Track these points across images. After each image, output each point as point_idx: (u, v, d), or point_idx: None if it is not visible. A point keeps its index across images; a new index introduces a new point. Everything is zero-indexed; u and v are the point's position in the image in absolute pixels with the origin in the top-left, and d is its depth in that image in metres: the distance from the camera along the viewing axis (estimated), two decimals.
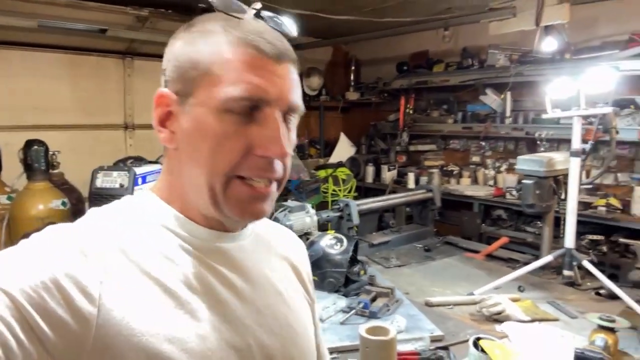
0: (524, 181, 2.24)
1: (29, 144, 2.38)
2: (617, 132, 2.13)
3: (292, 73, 0.63)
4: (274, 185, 0.64)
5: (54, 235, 0.57)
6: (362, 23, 3.77)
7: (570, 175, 2.04)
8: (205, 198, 0.62)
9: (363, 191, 4.79)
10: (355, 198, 3.87)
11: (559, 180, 2.21)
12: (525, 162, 2.25)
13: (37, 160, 2.36)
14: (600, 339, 1.48)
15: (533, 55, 3.65)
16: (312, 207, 2.64)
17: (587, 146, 2.05)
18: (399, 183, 4.57)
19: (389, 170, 4.72)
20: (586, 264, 2.03)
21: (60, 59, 3.63)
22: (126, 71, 3.94)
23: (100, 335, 0.52)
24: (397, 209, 3.67)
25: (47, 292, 0.50)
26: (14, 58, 3.39)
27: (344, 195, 4.38)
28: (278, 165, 0.62)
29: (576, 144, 2.02)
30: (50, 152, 2.51)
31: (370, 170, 4.87)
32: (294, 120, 0.65)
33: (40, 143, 2.41)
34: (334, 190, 4.45)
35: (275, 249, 0.79)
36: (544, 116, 2.21)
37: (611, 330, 1.55)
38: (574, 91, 2.03)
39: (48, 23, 3.16)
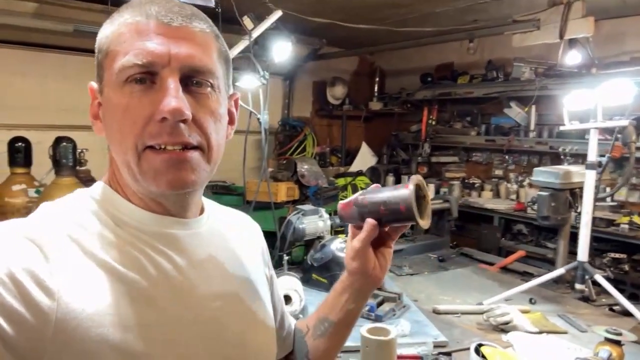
0: (539, 193, 2.22)
1: (58, 140, 2.50)
2: (636, 147, 2.09)
3: (194, 36, 0.62)
4: (194, 153, 0.62)
5: (8, 231, 0.56)
6: (387, 34, 3.81)
7: (585, 188, 2.02)
8: (127, 176, 0.63)
9: None
10: None
11: (576, 194, 2.18)
12: (542, 174, 2.24)
13: (65, 157, 2.47)
14: (605, 351, 1.45)
15: (559, 69, 3.62)
16: (326, 212, 2.67)
17: (604, 159, 2.03)
18: None
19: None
20: (599, 278, 1.99)
21: (92, 62, 3.75)
22: None
23: (61, 328, 0.52)
24: None
25: (4, 287, 0.49)
26: (49, 61, 3.56)
27: None
28: (185, 129, 0.60)
29: (592, 156, 2.00)
30: (78, 150, 2.62)
31: (390, 180, 4.87)
32: (209, 86, 0.63)
33: (69, 140, 2.52)
34: None
35: (233, 233, 0.80)
36: (561, 128, 2.20)
37: (617, 343, 1.52)
38: (592, 104, 2.01)
39: (83, 28, 3.31)
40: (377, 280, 0.83)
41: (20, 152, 2.52)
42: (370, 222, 0.78)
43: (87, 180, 2.68)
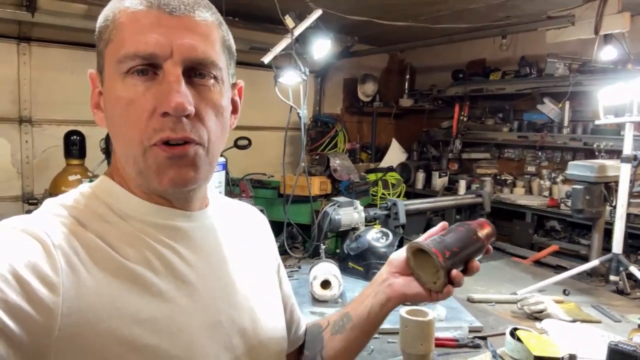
0: (574, 186, 2.25)
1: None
2: None
3: (197, 26, 0.60)
4: (196, 148, 0.61)
5: (10, 227, 0.55)
6: (417, 30, 3.86)
7: (620, 181, 2.04)
8: (131, 170, 0.62)
9: (412, 196, 4.83)
10: None
11: (611, 187, 2.20)
12: (576, 168, 2.27)
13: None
14: (639, 336, 1.50)
15: (593, 65, 3.59)
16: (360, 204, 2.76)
17: (639, 153, 2.05)
18: (450, 190, 4.58)
19: (440, 177, 4.75)
20: (634, 270, 2.02)
21: None
22: None
23: (66, 324, 0.51)
24: (447, 213, 3.71)
25: (7, 285, 0.48)
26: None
27: None
28: (188, 124, 0.59)
29: (627, 150, 2.02)
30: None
31: (420, 176, 4.91)
32: (212, 78, 0.62)
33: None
34: (382, 194, 4.53)
35: (239, 226, 0.80)
36: (596, 122, 2.22)
37: None
38: (627, 98, 2.03)
39: None
40: (397, 293, 0.80)
41: (75, 145, 2.69)
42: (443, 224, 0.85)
43: None
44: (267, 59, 2.25)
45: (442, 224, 0.85)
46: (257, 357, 0.71)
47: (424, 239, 0.82)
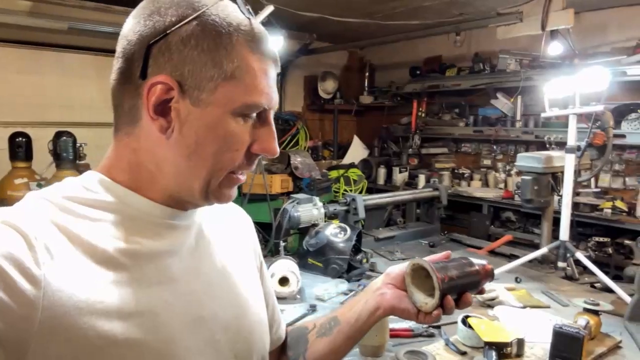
0: (522, 177, 2.33)
1: (58, 134, 2.57)
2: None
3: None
4: None
5: None
6: (376, 28, 3.91)
7: (565, 172, 2.13)
8: (196, 187, 0.64)
9: (374, 192, 4.88)
10: None
11: (557, 177, 2.29)
12: (525, 159, 2.34)
13: (65, 150, 2.54)
14: (583, 319, 1.56)
15: (542, 60, 3.73)
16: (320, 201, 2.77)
17: (583, 144, 2.14)
18: (410, 185, 4.66)
19: (400, 172, 4.82)
20: (580, 256, 2.10)
21: (89, 60, 3.85)
22: None
23: (47, 317, 0.51)
24: (408, 207, 3.77)
25: None
26: (45, 58, 3.63)
27: None
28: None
29: (571, 141, 2.11)
30: (78, 144, 2.69)
31: (382, 172, 4.98)
32: None
33: (69, 135, 2.60)
34: (345, 190, 4.56)
35: (224, 222, 0.80)
36: (542, 115, 2.31)
37: (595, 313, 1.63)
38: (571, 91, 2.12)
39: (78, 25, 3.37)
40: (385, 302, 0.81)
41: (21, 147, 2.58)
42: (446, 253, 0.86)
43: None
44: None
45: (446, 253, 0.86)
46: (241, 353, 0.71)
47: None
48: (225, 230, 0.80)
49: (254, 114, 0.64)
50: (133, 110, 0.63)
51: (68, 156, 2.56)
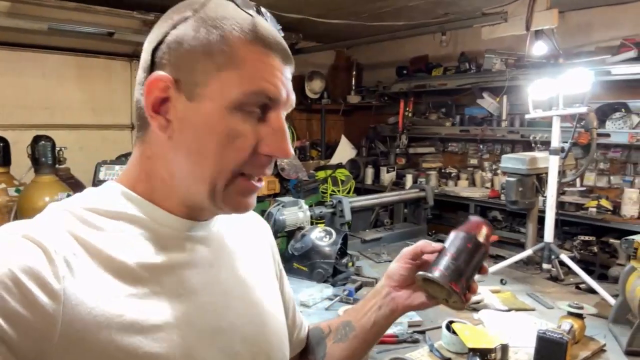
0: (507, 179, 2.33)
1: (36, 139, 2.52)
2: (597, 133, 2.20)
3: (291, 75, 0.65)
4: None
5: (10, 233, 0.54)
6: (363, 28, 3.89)
7: (549, 173, 2.13)
8: (202, 191, 0.62)
9: (362, 192, 4.87)
10: None
11: (542, 178, 2.29)
12: (509, 161, 2.34)
13: (44, 155, 2.49)
14: (567, 323, 1.56)
15: (527, 60, 3.74)
16: (306, 204, 2.74)
17: (567, 145, 2.13)
18: (398, 185, 4.65)
19: (388, 172, 4.81)
20: (564, 258, 2.10)
21: (70, 60, 3.78)
22: (132, 73, 4.09)
23: (67, 331, 0.51)
24: (396, 208, 3.76)
25: (7, 292, 0.48)
26: (25, 60, 3.56)
27: (342, 196, 4.47)
28: (273, 163, 0.64)
29: (555, 142, 2.10)
30: (57, 148, 2.64)
31: (369, 172, 4.96)
32: None
33: (48, 139, 2.54)
34: (332, 191, 4.54)
35: (242, 231, 0.79)
36: (526, 116, 2.30)
37: (579, 316, 1.63)
38: (555, 92, 2.12)
39: (58, 26, 3.31)
40: (402, 304, 0.84)
41: None
42: (440, 245, 0.83)
43: (67, 179, 2.70)
44: None
45: (441, 245, 0.84)
46: None
47: (432, 259, 0.82)
48: (244, 239, 0.79)
49: (257, 110, 0.60)
50: (143, 116, 0.63)
51: (47, 161, 2.50)
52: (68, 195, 2.60)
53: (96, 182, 2.30)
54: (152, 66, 0.61)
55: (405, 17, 3.79)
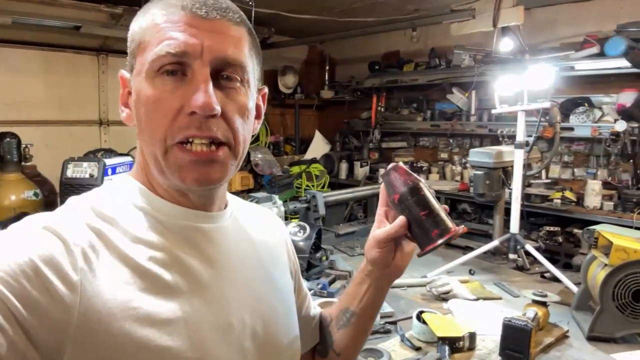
0: (475, 172, 2.39)
1: (1, 136, 2.45)
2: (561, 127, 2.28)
3: (228, 29, 0.62)
4: (223, 150, 0.62)
5: (32, 224, 0.56)
6: (334, 23, 3.90)
7: (515, 166, 2.19)
8: (154, 169, 0.64)
9: (337, 187, 4.90)
10: None
11: (508, 171, 2.36)
12: (477, 154, 2.40)
13: (9, 152, 2.43)
14: (531, 311, 1.62)
15: (495, 56, 3.82)
16: (280, 199, 2.76)
17: (531, 139, 2.20)
18: (371, 179, 4.70)
19: (362, 166, 4.85)
20: (529, 248, 2.18)
21: (35, 55, 3.67)
22: (100, 68, 4.00)
23: (82, 322, 0.52)
24: (369, 202, 3.80)
25: (28, 280, 0.50)
26: None
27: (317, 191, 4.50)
28: (214, 124, 0.61)
29: (520, 136, 2.17)
30: (23, 145, 2.57)
31: (343, 166, 5.00)
32: (238, 81, 0.64)
33: (13, 135, 2.48)
34: (307, 186, 4.56)
35: (255, 228, 0.79)
36: (493, 111, 2.37)
37: (543, 304, 1.70)
38: (519, 88, 2.18)
39: (22, 20, 3.21)
40: (397, 271, 0.83)
41: None
42: (401, 220, 0.76)
43: (33, 176, 2.64)
44: None
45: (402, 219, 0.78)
46: None
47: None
48: (258, 235, 0.79)
49: (177, 72, 0.60)
50: None
51: (12, 158, 2.44)
52: (35, 193, 2.56)
53: (63, 180, 2.26)
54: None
55: (376, 13, 3.82)
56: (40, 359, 0.50)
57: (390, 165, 0.80)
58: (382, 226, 0.80)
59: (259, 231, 0.80)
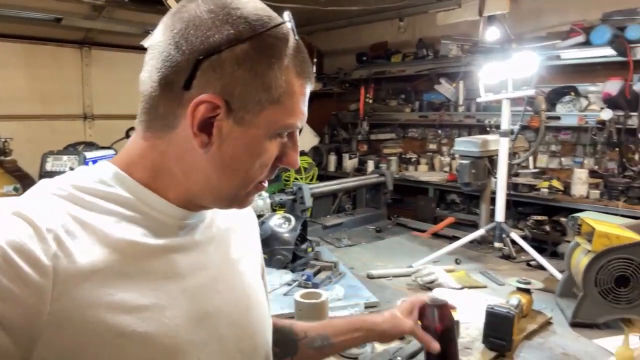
0: (460, 161, 2.38)
1: None
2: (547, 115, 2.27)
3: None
4: None
5: (1, 210, 0.55)
6: (322, 14, 3.86)
7: (500, 155, 2.19)
8: (222, 197, 0.66)
9: (325, 179, 4.87)
10: None
11: (493, 160, 2.36)
12: (462, 144, 2.40)
13: None
14: (515, 298, 1.62)
15: (482, 45, 3.81)
16: (268, 191, 2.73)
17: (516, 127, 2.20)
18: (360, 171, 4.69)
19: (350, 158, 4.84)
20: (514, 236, 2.18)
21: (15, 48, 3.61)
22: (84, 61, 3.94)
23: (57, 309, 0.52)
24: (358, 193, 3.79)
25: None
26: None
27: (305, 183, 4.48)
28: None
29: (505, 125, 2.16)
30: (2, 140, 2.53)
31: (332, 159, 4.98)
32: None
33: None
34: (295, 178, 4.54)
35: (230, 218, 0.80)
36: (477, 100, 2.36)
37: (527, 291, 1.69)
38: (504, 76, 2.17)
39: (1, 11, 3.15)
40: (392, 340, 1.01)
41: None
42: (436, 347, 0.95)
43: (13, 171, 2.60)
44: (146, 42, 2.12)
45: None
46: (246, 348, 0.72)
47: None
48: (233, 227, 0.80)
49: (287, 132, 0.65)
50: (170, 117, 0.62)
51: None
52: (15, 188, 2.52)
53: (43, 174, 2.22)
54: (193, 76, 0.59)
55: (362, 2, 3.79)
56: (13, 345, 0.50)
57: (443, 301, 1.02)
58: (409, 317, 0.99)
59: (234, 222, 0.81)
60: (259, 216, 2.55)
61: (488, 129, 3.82)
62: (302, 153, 4.93)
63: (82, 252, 0.56)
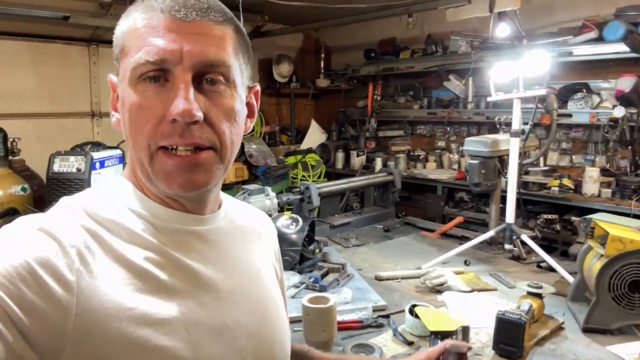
0: (470, 161, 2.35)
1: None
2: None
3: (209, 30, 0.61)
4: (207, 154, 0.62)
5: (26, 226, 0.56)
6: (329, 10, 3.83)
7: (510, 155, 2.15)
8: (141, 174, 0.64)
9: (333, 177, 4.87)
10: None
11: (504, 160, 2.32)
12: (472, 143, 2.36)
13: None
14: (526, 303, 1.59)
15: (492, 42, 3.76)
16: (274, 191, 2.72)
17: (527, 127, 2.16)
18: (367, 168, 4.66)
19: (358, 156, 4.81)
20: (525, 238, 2.15)
21: (23, 46, 3.61)
22: (91, 59, 3.94)
23: (80, 323, 0.52)
24: (366, 192, 3.76)
25: (24, 283, 0.49)
26: None
27: (313, 181, 4.46)
28: (197, 130, 0.60)
29: (516, 125, 2.13)
30: (10, 139, 2.53)
31: (340, 156, 4.96)
32: (222, 83, 0.63)
33: None
34: (303, 176, 4.52)
35: (249, 230, 0.80)
36: (488, 99, 2.32)
37: (538, 296, 1.66)
38: (515, 75, 2.13)
39: (9, 10, 3.14)
40: None
41: None
42: None
43: (21, 171, 2.60)
44: None
45: None
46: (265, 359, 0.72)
47: None
48: (251, 236, 0.80)
49: (159, 78, 0.60)
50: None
51: None
52: (23, 188, 2.52)
53: (50, 175, 2.21)
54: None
55: None
56: (38, 358, 0.50)
57: (463, 347, 0.98)
58: None
59: (251, 232, 0.81)
60: None
61: (498, 126, 3.80)
62: (310, 150, 4.91)
63: (103, 268, 0.57)
